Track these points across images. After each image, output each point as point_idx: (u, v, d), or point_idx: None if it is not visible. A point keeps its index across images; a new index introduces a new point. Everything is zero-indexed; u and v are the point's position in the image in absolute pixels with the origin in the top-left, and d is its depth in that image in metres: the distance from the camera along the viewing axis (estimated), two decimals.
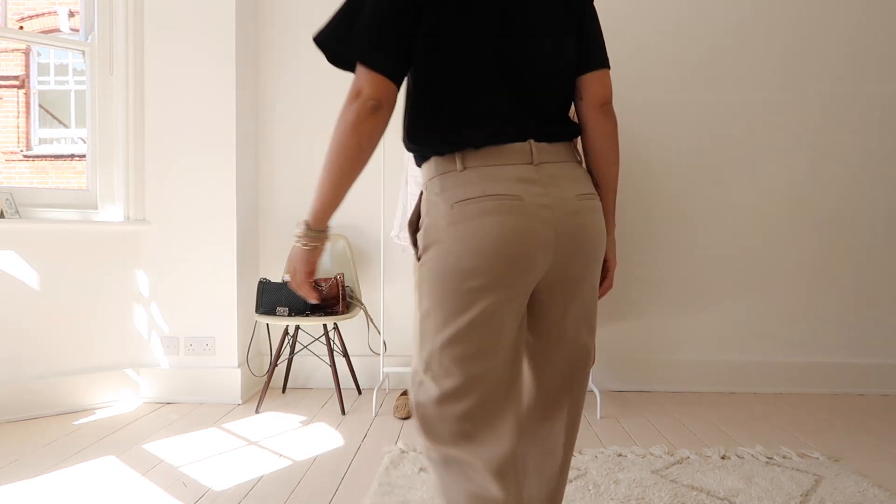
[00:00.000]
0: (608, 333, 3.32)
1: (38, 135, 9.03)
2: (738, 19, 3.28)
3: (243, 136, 3.14)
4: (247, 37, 3.18)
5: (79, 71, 8.87)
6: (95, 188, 3.01)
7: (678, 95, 3.29)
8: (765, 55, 3.28)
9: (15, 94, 8.92)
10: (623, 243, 3.32)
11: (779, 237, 3.32)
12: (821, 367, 3.30)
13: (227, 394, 3.03)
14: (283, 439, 2.50)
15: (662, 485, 2.03)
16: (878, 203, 3.31)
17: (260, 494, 1.97)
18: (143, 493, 1.97)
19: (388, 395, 3.18)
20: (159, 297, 3.04)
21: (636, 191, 3.31)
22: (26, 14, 8.85)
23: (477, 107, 1.07)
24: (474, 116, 1.07)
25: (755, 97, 3.29)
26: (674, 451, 2.35)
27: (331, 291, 2.97)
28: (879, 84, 3.28)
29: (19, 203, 2.84)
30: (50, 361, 2.83)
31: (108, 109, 3.02)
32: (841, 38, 3.28)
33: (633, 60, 3.29)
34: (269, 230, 3.36)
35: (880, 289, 3.31)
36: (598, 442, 2.48)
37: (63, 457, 2.28)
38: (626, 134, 3.29)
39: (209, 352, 3.04)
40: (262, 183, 3.36)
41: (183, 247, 3.04)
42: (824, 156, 3.31)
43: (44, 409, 2.79)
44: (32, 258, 2.79)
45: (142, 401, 3.04)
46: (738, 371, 3.30)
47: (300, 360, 3.33)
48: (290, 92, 3.33)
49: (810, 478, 2.10)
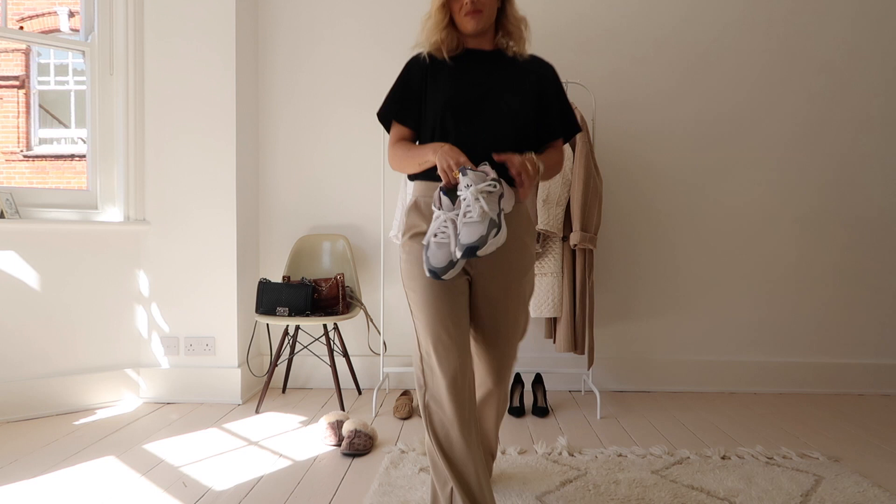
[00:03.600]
0: (608, 333, 3.32)
1: (38, 135, 9.02)
2: (728, 21, 3.28)
3: (243, 137, 3.14)
4: (247, 37, 3.18)
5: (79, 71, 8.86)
6: (95, 188, 3.01)
7: (678, 95, 3.29)
8: (760, 54, 3.28)
9: (15, 94, 8.91)
10: (623, 243, 3.32)
11: (779, 237, 3.32)
12: (821, 367, 3.30)
13: (227, 394, 3.03)
14: (283, 439, 2.49)
15: (662, 485, 2.03)
16: (879, 203, 3.31)
17: (260, 494, 1.97)
18: (143, 493, 1.97)
19: (388, 396, 3.18)
20: (159, 297, 3.04)
21: (636, 191, 3.31)
22: (26, 14, 8.84)
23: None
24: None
25: (756, 97, 3.29)
26: (674, 451, 2.35)
27: (331, 291, 2.97)
28: (872, 84, 3.28)
29: (19, 203, 2.84)
30: (50, 361, 2.83)
31: (108, 109, 3.02)
32: (832, 37, 3.28)
33: (628, 61, 3.29)
34: (269, 230, 3.36)
35: (880, 289, 3.31)
36: (598, 442, 2.48)
37: (63, 457, 2.28)
38: (625, 135, 3.29)
39: (209, 352, 3.04)
40: (262, 183, 3.35)
41: (183, 247, 3.04)
42: (824, 156, 3.31)
43: (44, 409, 2.79)
44: (32, 258, 2.79)
45: (142, 401, 3.04)
46: (738, 371, 3.30)
47: (300, 360, 3.33)
48: (291, 92, 3.33)
49: (810, 478, 2.10)
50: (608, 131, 3.26)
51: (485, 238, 1.41)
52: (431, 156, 1.55)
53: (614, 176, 3.28)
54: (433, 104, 1.68)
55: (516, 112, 1.67)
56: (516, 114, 1.67)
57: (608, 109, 3.26)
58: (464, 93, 1.66)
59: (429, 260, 1.49)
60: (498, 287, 1.67)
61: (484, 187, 1.44)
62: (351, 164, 3.33)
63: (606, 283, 3.31)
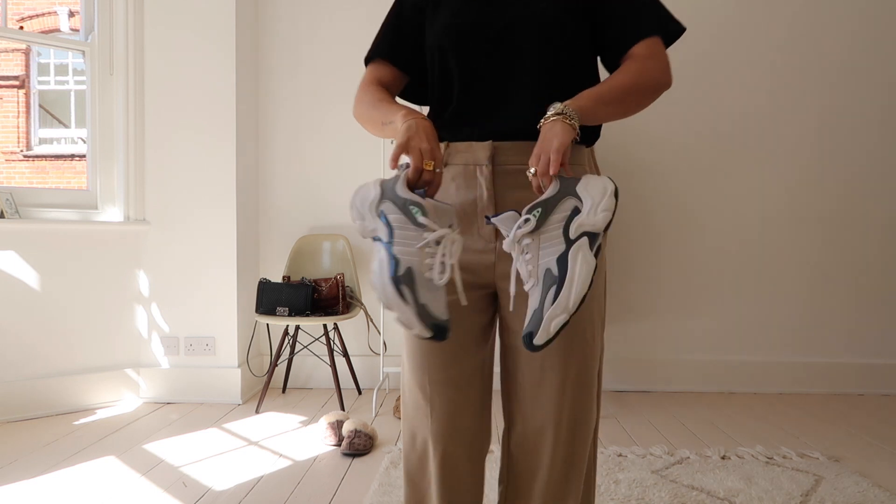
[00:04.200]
0: (608, 333, 3.32)
1: (38, 135, 9.03)
2: (740, 17, 3.28)
3: (243, 136, 3.14)
4: (247, 36, 3.18)
5: (79, 71, 8.86)
6: (95, 188, 3.01)
7: (680, 95, 3.29)
8: (765, 53, 3.28)
9: (15, 94, 8.91)
10: (623, 243, 3.32)
11: (779, 237, 3.32)
12: (821, 367, 3.30)
13: (227, 394, 3.03)
14: (283, 439, 2.50)
15: (662, 485, 2.03)
16: (879, 203, 3.31)
17: (260, 494, 1.97)
18: (143, 493, 1.97)
19: (389, 395, 3.18)
20: (159, 297, 3.04)
21: (636, 191, 3.31)
22: (26, 14, 8.84)
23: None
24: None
25: (757, 96, 3.29)
26: (674, 451, 2.35)
27: (331, 291, 2.97)
28: (881, 83, 3.28)
29: (19, 203, 2.84)
30: (50, 361, 2.83)
31: (108, 109, 3.02)
32: (842, 36, 3.27)
33: None
34: (269, 230, 3.36)
35: (880, 289, 3.31)
36: (598, 442, 2.48)
37: (63, 457, 2.28)
38: (627, 134, 3.29)
39: (209, 352, 3.04)
40: (262, 183, 3.36)
41: (183, 247, 3.04)
42: (825, 156, 3.31)
43: (44, 409, 2.79)
44: (32, 258, 2.79)
45: (142, 401, 3.04)
46: (738, 371, 3.30)
47: (300, 360, 3.33)
48: (291, 92, 3.33)
49: (810, 478, 2.10)
50: (609, 132, 3.26)
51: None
52: (400, 123, 1.02)
53: (615, 176, 3.28)
54: (430, 37, 1.16)
55: (559, 26, 1.07)
56: (562, 28, 1.07)
57: None
58: (471, 12, 1.11)
59: (424, 308, 0.90)
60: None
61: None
62: (351, 164, 3.33)
63: (607, 284, 3.30)
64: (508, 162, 1.08)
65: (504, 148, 1.08)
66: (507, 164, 1.08)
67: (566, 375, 1.07)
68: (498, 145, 1.08)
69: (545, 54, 1.08)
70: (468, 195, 1.10)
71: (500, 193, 1.08)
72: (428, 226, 0.92)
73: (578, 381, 1.08)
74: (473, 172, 1.10)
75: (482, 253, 1.11)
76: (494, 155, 1.08)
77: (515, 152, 1.07)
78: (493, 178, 1.08)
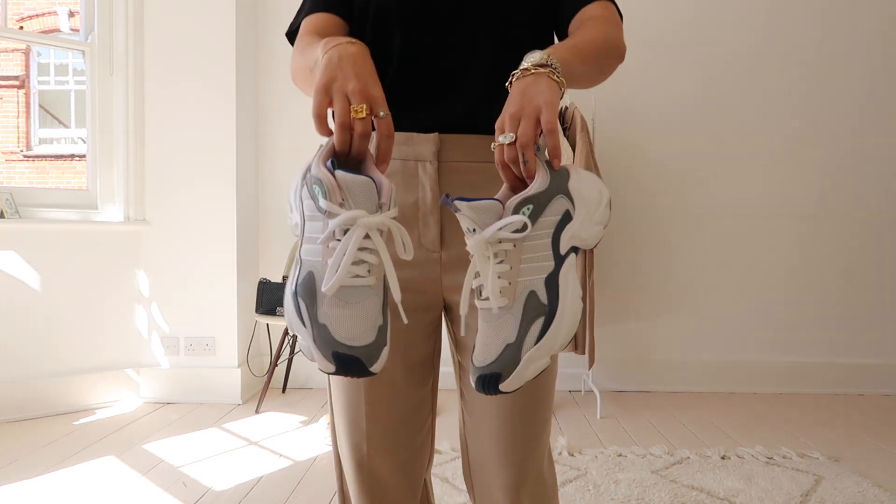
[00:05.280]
0: (608, 333, 3.32)
1: (38, 135, 9.03)
2: (735, 23, 3.28)
3: (243, 136, 3.14)
4: (247, 36, 3.18)
5: (79, 71, 8.86)
6: (95, 188, 3.01)
7: (680, 95, 3.29)
8: (756, 57, 3.28)
9: (15, 94, 8.92)
10: (623, 243, 3.32)
11: (779, 237, 3.32)
12: (821, 367, 3.30)
13: (227, 394, 3.03)
14: (283, 439, 2.50)
15: (662, 485, 2.03)
16: (879, 203, 3.31)
17: (260, 494, 1.97)
18: (143, 493, 1.97)
19: None
20: (159, 297, 3.04)
21: (637, 191, 3.31)
22: (26, 14, 8.84)
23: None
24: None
25: (756, 95, 3.29)
26: (674, 451, 2.35)
27: None
28: (867, 84, 3.28)
29: (19, 203, 2.84)
30: (50, 361, 2.83)
31: (108, 109, 3.02)
32: (827, 37, 3.28)
33: (629, 60, 3.28)
34: (269, 230, 3.36)
35: (880, 289, 3.31)
36: (598, 442, 2.48)
37: (63, 457, 2.28)
38: (627, 136, 3.29)
39: (209, 352, 3.04)
40: (262, 182, 3.36)
41: (183, 247, 3.04)
42: (825, 156, 3.31)
43: (44, 409, 2.79)
44: (32, 258, 2.79)
45: (142, 401, 3.04)
46: (738, 371, 3.30)
47: (300, 359, 3.33)
48: (291, 92, 3.33)
49: (810, 478, 2.10)
50: (609, 131, 3.26)
51: (510, 357, 0.66)
52: (321, 58, 0.75)
53: (615, 176, 3.28)
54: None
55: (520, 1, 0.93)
56: (523, 2, 0.93)
57: (609, 109, 3.26)
58: None
59: (324, 331, 0.64)
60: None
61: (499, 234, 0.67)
62: None
63: (607, 283, 3.31)
64: (457, 158, 0.91)
65: (452, 141, 0.90)
66: (456, 161, 0.91)
67: (521, 402, 0.91)
68: (445, 138, 0.90)
69: (505, 32, 0.92)
70: (407, 197, 0.91)
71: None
72: (329, 210, 0.65)
73: (531, 407, 0.92)
74: (414, 170, 0.91)
75: (424, 265, 0.91)
76: (440, 150, 0.90)
77: (465, 147, 0.91)
78: (439, 178, 0.90)
